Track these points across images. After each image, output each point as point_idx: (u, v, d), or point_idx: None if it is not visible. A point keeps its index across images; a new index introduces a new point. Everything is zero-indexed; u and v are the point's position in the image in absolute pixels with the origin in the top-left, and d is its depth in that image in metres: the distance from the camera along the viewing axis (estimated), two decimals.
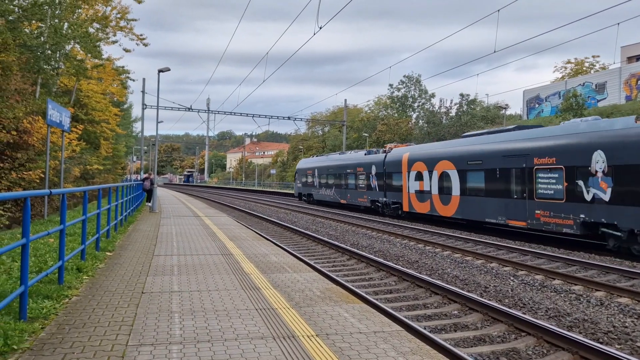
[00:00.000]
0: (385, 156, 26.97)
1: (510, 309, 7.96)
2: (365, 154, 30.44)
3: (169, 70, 24.25)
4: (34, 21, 20.92)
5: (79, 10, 24.48)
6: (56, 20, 21.59)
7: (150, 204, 23.34)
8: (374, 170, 27.93)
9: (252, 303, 6.03)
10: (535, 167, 16.25)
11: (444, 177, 21.39)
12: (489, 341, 6.74)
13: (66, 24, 22.77)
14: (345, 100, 52.75)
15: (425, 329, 6.94)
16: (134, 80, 69.97)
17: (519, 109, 59.56)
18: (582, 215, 14.59)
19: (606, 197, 13.88)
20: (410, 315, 7.87)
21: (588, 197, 14.48)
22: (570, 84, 47.93)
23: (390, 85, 72.98)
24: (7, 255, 8.11)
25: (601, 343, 6.52)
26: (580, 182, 14.73)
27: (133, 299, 6.08)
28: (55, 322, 5.07)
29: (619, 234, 13.50)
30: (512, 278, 10.78)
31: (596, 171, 14.20)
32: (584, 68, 57.61)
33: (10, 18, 18.70)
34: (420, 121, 68.92)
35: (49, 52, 21.56)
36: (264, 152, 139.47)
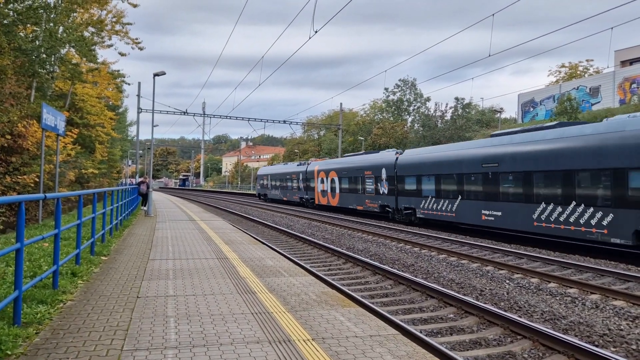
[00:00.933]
0: (307, 167, 39.45)
1: (506, 312, 7.97)
2: (297, 165, 43.06)
3: (165, 74, 24.23)
4: (29, 25, 20.88)
5: (74, 14, 24.44)
6: (51, 24, 21.54)
7: (145, 208, 23.27)
8: (301, 176, 40.63)
9: (248, 307, 6.02)
10: (364, 175, 28.87)
11: (333, 181, 33.51)
12: (485, 344, 6.74)
13: (61, 27, 22.73)
14: (341, 104, 53.01)
15: (421, 332, 6.94)
16: (129, 84, 69.95)
17: (514, 113, 59.78)
18: (379, 202, 27.18)
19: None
20: (406, 318, 7.87)
21: (382, 190, 26.90)
22: (564, 87, 48.16)
23: (386, 89, 73.18)
24: (2, 259, 8.05)
25: (597, 346, 6.53)
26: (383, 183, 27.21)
27: (128, 304, 6.05)
28: (50, 327, 5.04)
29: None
30: (507, 281, 10.80)
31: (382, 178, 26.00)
32: (578, 72, 57.91)
33: (5, 22, 18.65)
34: (416, 125, 69.09)
35: (44, 55, 21.52)
36: (259, 156, 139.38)
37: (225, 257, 10.05)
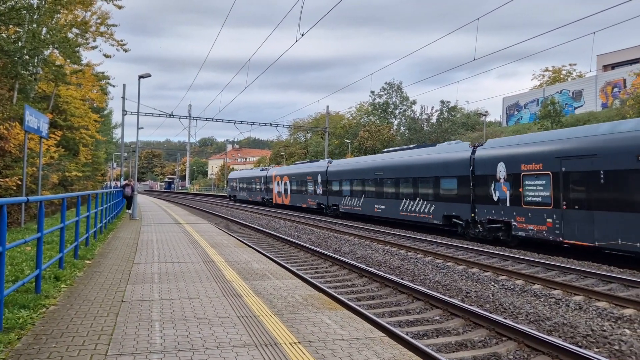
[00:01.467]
0: (267, 173, 47.29)
1: (492, 314, 8.03)
2: (260, 170, 50.91)
3: (150, 76, 24.05)
4: (11, 26, 20.59)
5: (58, 15, 24.15)
6: (34, 25, 21.27)
7: (130, 211, 23.05)
8: (262, 180, 48.00)
9: (234, 310, 5.99)
10: (307, 179, 36.02)
11: (286, 184, 40.68)
12: (471, 346, 6.78)
13: (45, 28, 22.45)
14: (328, 106, 52.93)
15: (407, 334, 6.96)
16: (114, 86, 69.29)
17: (499, 116, 60.38)
18: (317, 200, 34.57)
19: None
20: (393, 321, 7.88)
21: (318, 191, 34.16)
22: (548, 91, 48.77)
23: (372, 92, 73.46)
24: None
25: (580, 347, 6.61)
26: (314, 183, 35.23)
27: (113, 308, 5.99)
28: (32, 332, 4.97)
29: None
30: (493, 283, 10.88)
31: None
32: (562, 76, 58.68)
33: None
34: (402, 128, 69.40)
35: (27, 57, 21.22)
36: (246, 159, 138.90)
37: (211, 260, 9.99)
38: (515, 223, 16.25)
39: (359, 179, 27.84)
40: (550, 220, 14.89)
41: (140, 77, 23.95)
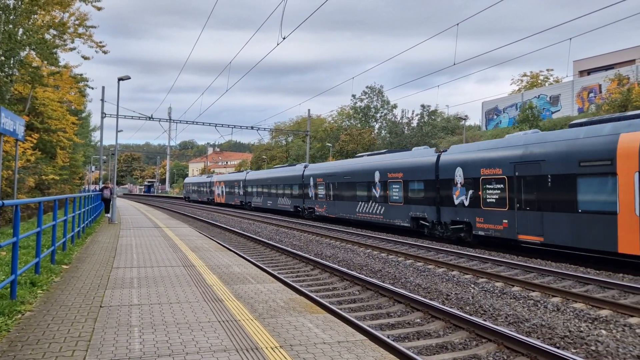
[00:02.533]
0: (210, 179, 59.43)
1: (472, 316, 8.10)
2: (206, 177, 63.97)
3: (129, 78, 23.83)
4: None
5: (35, 16, 23.77)
6: (10, 26, 20.91)
7: (109, 215, 22.74)
8: (207, 185, 60.10)
9: (215, 315, 5.94)
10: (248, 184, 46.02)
11: (222, 187, 53.97)
12: (451, 348, 6.83)
13: (21, 29, 22.08)
14: (309, 110, 53.26)
15: (389, 337, 6.98)
16: (92, 88, 68.30)
17: (479, 120, 61.06)
18: (237, 199, 49.36)
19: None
20: (374, 324, 7.90)
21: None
22: (526, 96, 49.50)
23: (353, 95, 73.74)
24: None
25: (558, 348, 6.70)
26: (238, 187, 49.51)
27: (91, 313, 5.89)
28: (7, 339, 4.86)
29: None
30: (472, 285, 10.98)
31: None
32: (539, 81, 59.62)
33: None
34: (383, 131, 69.76)
35: (3, 58, 20.85)
36: (226, 162, 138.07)
37: (191, 264, 9.91)
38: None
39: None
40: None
41: (120, 79, 23.70)
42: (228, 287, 7.66)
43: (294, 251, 15.50)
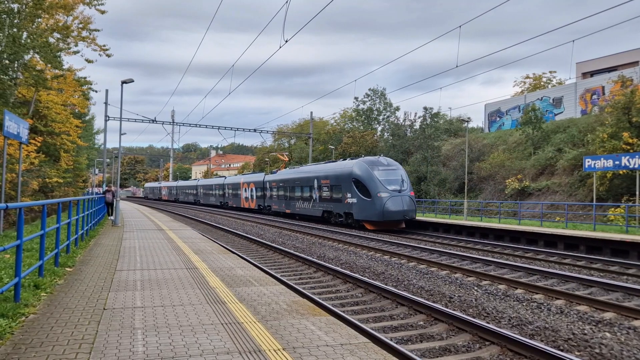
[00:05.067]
0: (159, 185, 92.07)
1: (475, 318, 8.08)
2: (157, 183, 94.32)
3: (133, 81, 23.85)
4: None
5: (39, 19, 23.87)
6: (14, 29, 21.00)
7: (112, 218, 22.78)
8: (159, 188, 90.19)
9: (218, 317, 5.95)
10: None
11: (170, 189, 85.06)
12: (454, 351, 6.82)
13: (25, 33, 22.17)
14: (312, 112, 53.03)
15: (391, 340, 6.97)
16: (96, 92, 68.50)
17: (482, 122, 60.97)
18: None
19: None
20: (377, 326, 7.90)
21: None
22: (529, 98, 49.40)
23: (356, 98, 73.73)
24: None
25: (562, 350, 6.68)
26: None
27: (94, 316, 5.90)
28: (11, 342, 4.87)
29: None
30: (476, 288, 10.96)
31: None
32: (542, 83, 59.51)
33: None
34: (386, 134, 69.70)
35: (7, 61, 20.95)
36: (229, 165, 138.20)
37: (194, 267, 9.92)
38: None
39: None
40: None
41: (123, 82, 23.73)
42: (231, 289, 7.67)
43: (297, 254, 15.51)
